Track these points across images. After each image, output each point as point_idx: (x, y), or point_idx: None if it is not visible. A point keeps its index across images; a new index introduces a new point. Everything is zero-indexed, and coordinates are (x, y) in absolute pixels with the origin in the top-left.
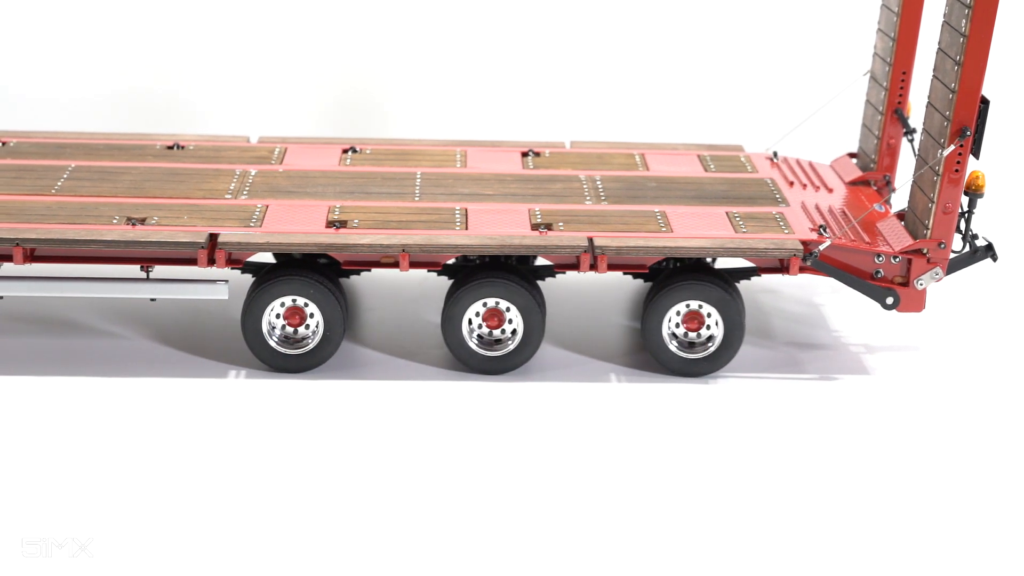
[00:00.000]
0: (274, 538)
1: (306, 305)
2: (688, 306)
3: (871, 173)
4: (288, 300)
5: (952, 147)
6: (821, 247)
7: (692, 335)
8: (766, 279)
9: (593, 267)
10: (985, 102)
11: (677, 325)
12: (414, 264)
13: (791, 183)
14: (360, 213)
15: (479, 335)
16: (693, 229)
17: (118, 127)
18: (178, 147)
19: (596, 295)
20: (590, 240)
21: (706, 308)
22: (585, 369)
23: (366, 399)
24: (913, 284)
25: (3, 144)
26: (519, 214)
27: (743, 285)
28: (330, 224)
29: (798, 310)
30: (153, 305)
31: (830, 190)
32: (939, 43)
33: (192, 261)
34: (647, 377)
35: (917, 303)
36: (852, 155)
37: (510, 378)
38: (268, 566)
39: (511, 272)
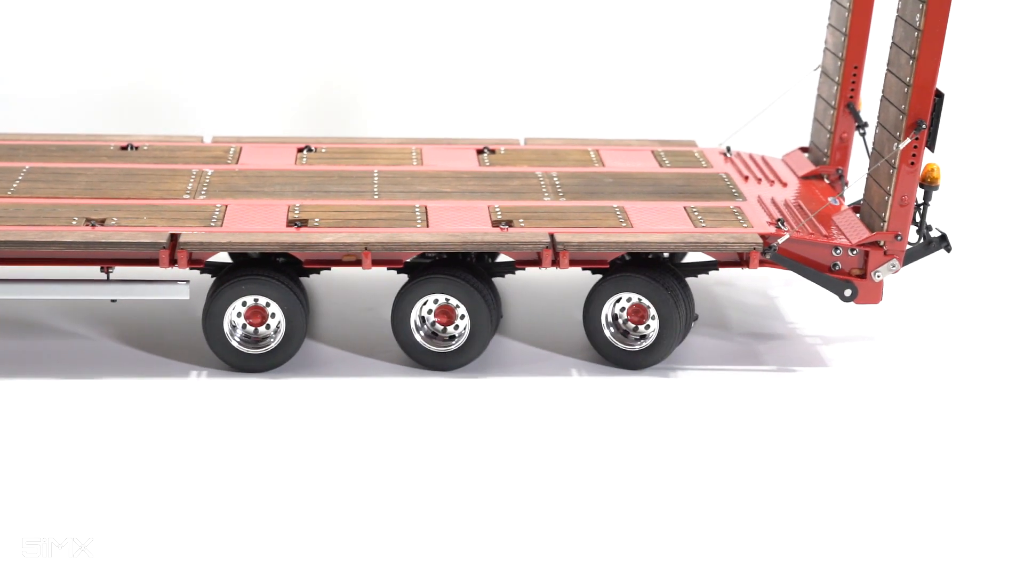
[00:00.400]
0: (251, 535)
1: (267, 305)
2: (628, 299)
3: (824, 167)
4: (249, 300)
5: (908, 140)
6: (780, 240)
7: (629, 326)
8: (721, 272)
9: (555, 263)
10: (940, 95)
11: (614, 316)
12: (376, 262)
13: (746, 177)
14: (320, 212)
15: (428, 331)
16: (653, 224)
17: (70, 128)
18: (132, 147)
19: (559, 290)
20: (551, 236)
21: (644, 301)
22: (546, 364)
23: (328, 397)
24: (870, 276)
25: None
26: (479, 211)
27: (700, 278)
28: (291, 223)
29: (754, 302)
30: (114, 306)
31: (784, 184)
32: (893, 38)
33: (153, 262)
34: (608, 371)
35: (874, 295)
36: (804, 149)
37: (472, 373)
38: (249, 562)
39: (463, 269)
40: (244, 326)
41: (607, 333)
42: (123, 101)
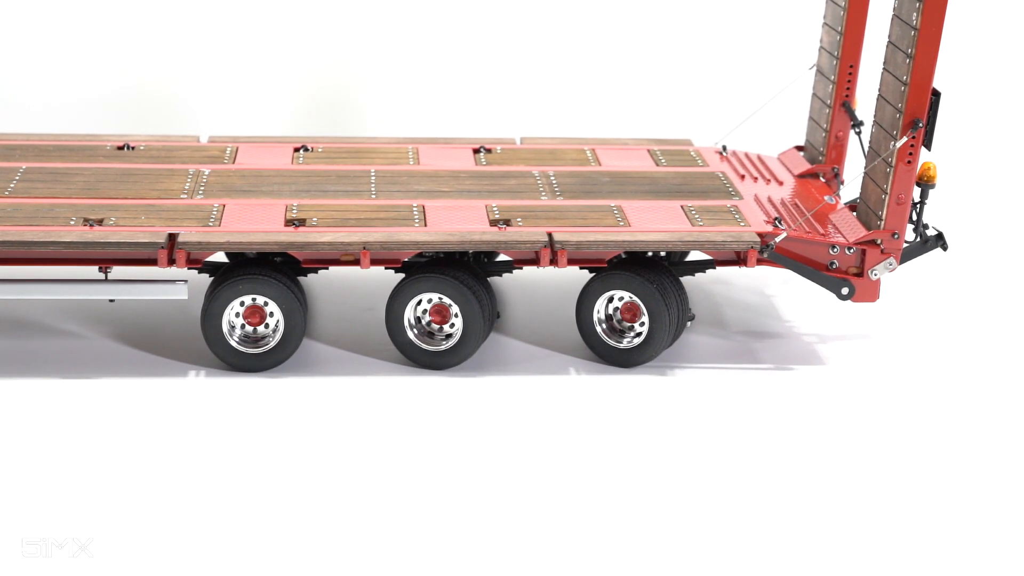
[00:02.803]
0: (249, 535)
1: (266, 304)
2: (619, 297)
3: (819, 166)
4: (248, 299)
5: (904, 139)
6: (777, 239)
7: (625, 325)
8: (719, 271)
9: (553, 262)
10: (936, 94)
11: (607, 314)
12: (374, 261)
13: (742, 176)
14: (318, 211)
15: (422, 330)
16: (650, 223)
17: (67, 128)
18: (128, 147)
19: (559, 288)
20: (549, 235)
21: (636, 299)
22: (544, 362)
23: (325, 396)
24: (867, 274)
25: None
26: (476, 210)
27: (698, 277)
28: (289, 223)
29: (751, 300)
30: (113, 306)
31: (780, 183)
32: (889, 36)
33: (151, 261)
34: (605, 370)
35: (871, 293)
36: (800, 148)
37: (469, 372)
38: (249, 561)
39: (457, 268)
40: (243, 326)
41: (599, 330)
42: (119, 102)
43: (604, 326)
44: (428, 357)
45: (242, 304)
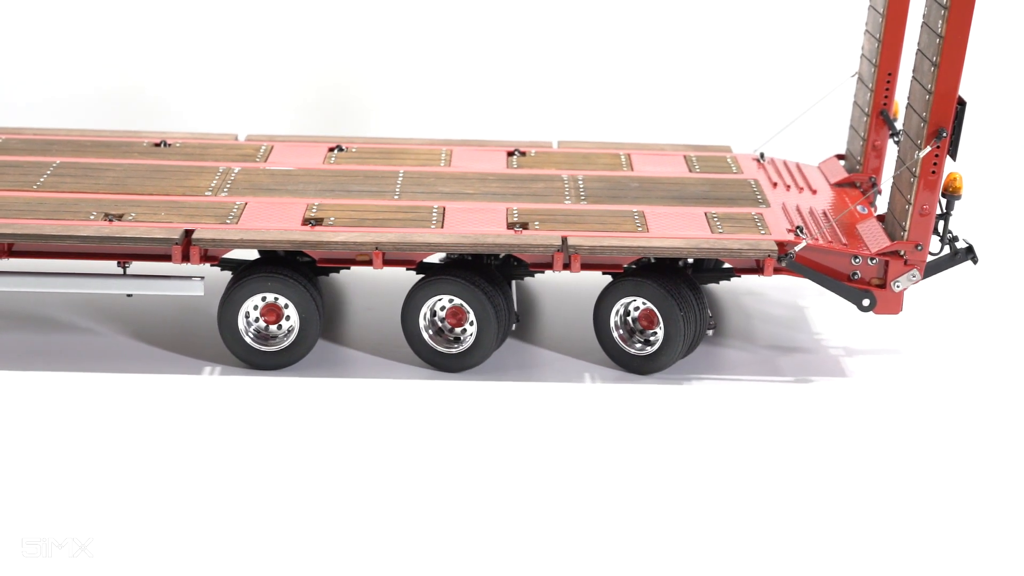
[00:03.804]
0: (251, 535)
1: (284, 304)
2: (635, 303)
3: (856, 175)
4: (267, 297)
5: (928, 148)
6: (797, 248)
7: (638, 328)
8: (752, 281)
9: (567, 266)
10: (962, 103)
11: (623, 319)
12: (390, 262)
13: (775, 184)
14: (337, 211)
15: (437, 331)
16: (669, 229)
17: (109, 126)
18: (165, 144)
19: (585, 293)
20: (564, 239)
21: (651, 306)
22: (560, 368)
23: (336, 397)
24: (890, 286)
25: None
26: (497, 213)
27: (726, 287)
28: (306, 222)
29: (781, 313)
30: (133, 302)
31: (814, 191)
32: (918, 44)
33: (167, 257)
34: (622, 378)
35: (894, 305)
36: (840, 157)
37: (484, 376)
38: (254, 562)
39: (475, 270)
40: (259, 323)
41: (615, 336)
42: (121, 100)
43: (620, 332)
44: (442, 359)
45: (263, 300)
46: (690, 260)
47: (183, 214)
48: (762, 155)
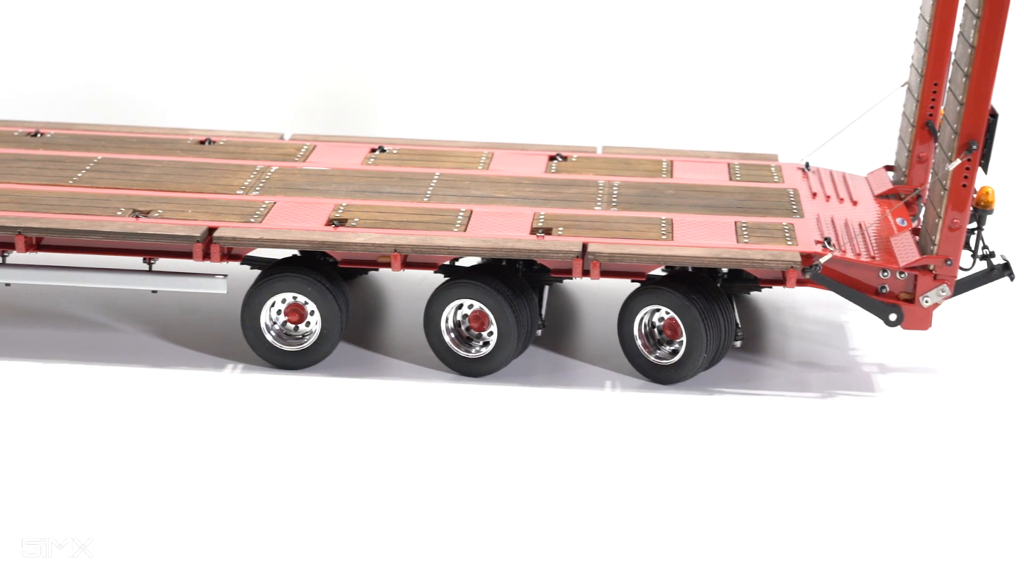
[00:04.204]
0: (266, 534)
1: (306, 303)
2: (661, 312)
3: (901, 186)
4: (288, 297)
5: (958, 161)
6: (822, 260)
7: (663, 339)
8: (792, 294)
9: (586, 273)
10: (994, 115)
11: (648, 328)
12: (409, 265)
13: (814, 194)
14: (363, 212)
15: (459, 336)
16: (694, 238)
17: (159, 124)
18: (209, 142)
19: (619, 299)
20: (584, 246)
21: (671, 314)
22: (583, 375)
23: (354, 398)
24: (919, 301)
25: (40, 134)
26: (523, 217)
27: (766, 299)
28: (330, 222)
29: (817, 327)
30: (160, 298)
31: (855, 203)
32: (954, 54)
33: (188, 255)
34: (644, 387)
35: (923, 321)
36: (889, 168)
37: (502, 381)
38: (262, 562)
39: (497, 275)
40: (282, 323)
41: (638, 344)
42: (204, 96)
43: (644, 340)
44: (463, 363)
45: (283, 302)
46: (724, 270)
47: (210, 212)
48: (807, 164)
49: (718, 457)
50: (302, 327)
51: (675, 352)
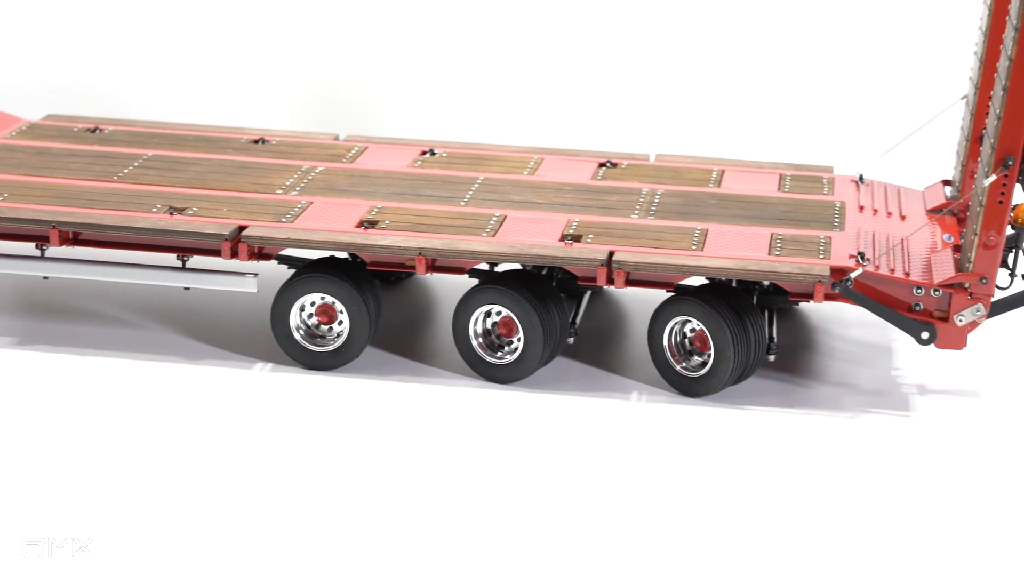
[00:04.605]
0: (274, 537)
1: (334, 303)
2: (687, 322)
3: (953, 201)
4: (316, 298)
5: (994, 176)
6: (853, 275)
7: (693, 351)
8: (842, 311)
9: (610, 281)
10: None
11: (679, 339)
12: (435, 269)
13: (862, 208)
14: (396, 215)
15: (488, 342)
16: (725, 249)
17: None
18: (263, 141)
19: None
20: (610, 254)
21: (698, 326)
22: (610, 384)
23: (381, 400)
24: (953, 320)
25: (98, 130)
26: (556, 224)
27: (813, 315)
28: (360, 224)
29: (861, 347)
30: (195, 295)
31: (903, 218)
32: (997, 68)
33: (216, 252)
34: (671, 399)
35: (957, 340)
36: (947, 182)
37: (527, 388)
38: (269, 565)
39: (523, 281)
40: (309, 323)
41: (667, 355)
42: (261, 100)
43: (673, 351)
44: (490, 369)
45: (312, 304)
46: (766, 283)
47: (244, 211)
48: (861, 177)
49: (735, 472)
50: (333, 328)
51: (703, 364)
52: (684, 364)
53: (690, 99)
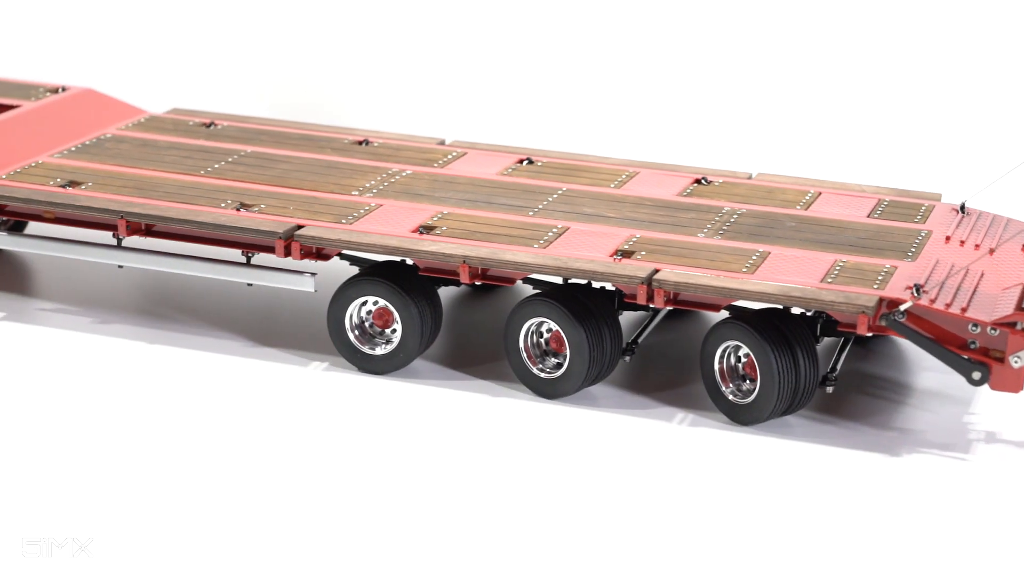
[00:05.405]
0: (284, 539)
1: (387, 306)
2: (735, 347)
3: None
4: (369, 301)
5: None
6: (903, 307)
7: (747, 376)
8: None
9: (650, 300)
10: None
11: (730, 364)
12: (477, 277)
13: (948, 238)
14: (456, 221)
15: (537, 354)
16: (778, 273)
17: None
18: (366, 143)
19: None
20: (652, 272)
21: (745, 351)
22: (657, 405)
23: (425, 407)
24: (1008, 361)
25: (212, 125)
26: (615, 239)
27: (887, 347)
28: (417, 229)
29: (938, 384)
30: (256, 291)
31: (992, 251)
32: None
33: (271, 249)
34: (717, 424)
35: (1013, 383)
36: None
37: (572, 403)
38: (273, 567)
39: (573, 296)
40: (364, 325)
41: (716, 379)
42: (373, 97)
43: (722, 376)
44: (537, 383)
45: (363, 305)
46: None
47: (309, 210)
48: (963, 206)
49: (762, 504)
50: (385, 332)
51: (751, 391)
52: (731, 389)
53: (829, 119)
